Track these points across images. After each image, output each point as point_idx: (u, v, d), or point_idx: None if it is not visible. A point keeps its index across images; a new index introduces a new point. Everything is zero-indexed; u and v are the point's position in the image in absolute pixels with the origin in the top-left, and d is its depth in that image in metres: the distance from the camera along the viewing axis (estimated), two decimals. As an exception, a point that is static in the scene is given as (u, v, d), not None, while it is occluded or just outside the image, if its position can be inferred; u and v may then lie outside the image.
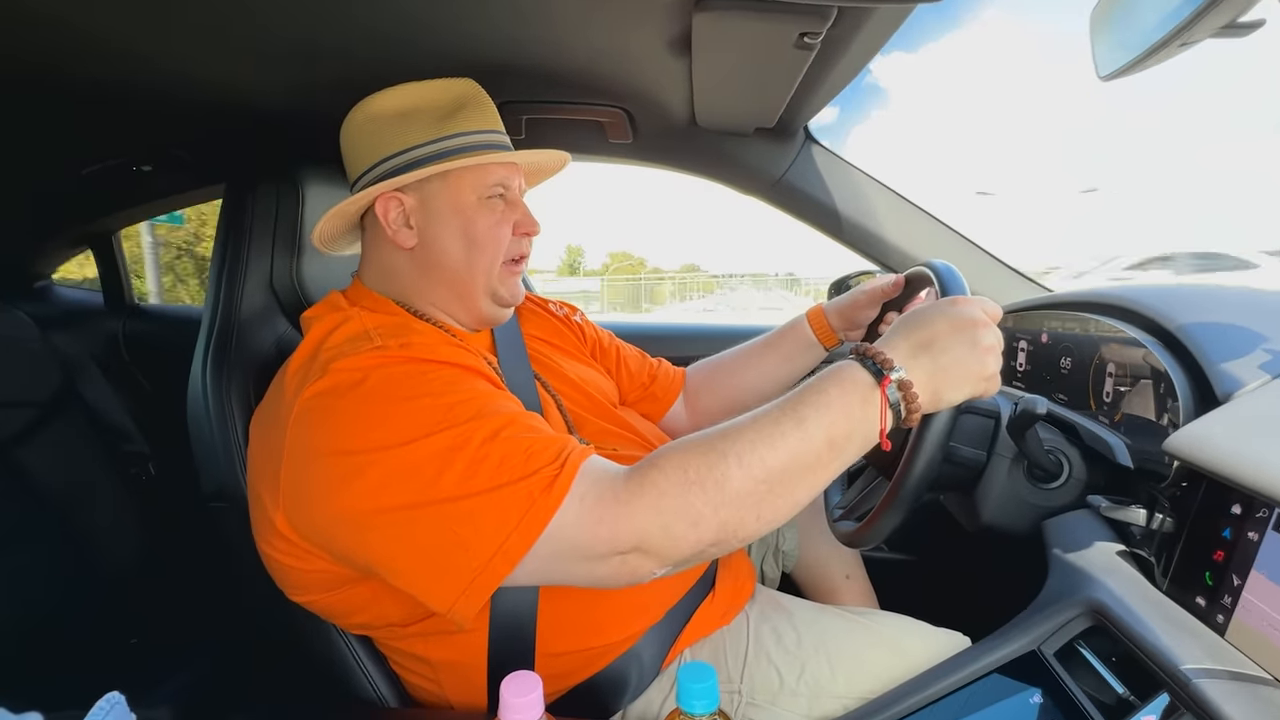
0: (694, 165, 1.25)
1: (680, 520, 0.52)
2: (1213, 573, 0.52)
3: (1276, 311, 0.70)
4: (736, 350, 1.04)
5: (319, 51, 0.80)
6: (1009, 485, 0.74)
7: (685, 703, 0.50)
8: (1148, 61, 0.44)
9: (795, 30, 0.67)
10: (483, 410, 0.57)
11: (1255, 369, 0.58)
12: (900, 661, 0.69)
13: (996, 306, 0.59)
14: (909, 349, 0.55)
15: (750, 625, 0.76)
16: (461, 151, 0.72)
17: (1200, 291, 0.79)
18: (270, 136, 1.07)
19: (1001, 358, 0.57)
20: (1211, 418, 0.56)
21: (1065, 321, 0.87)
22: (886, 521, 0.67)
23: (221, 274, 0.82)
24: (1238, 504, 0.51)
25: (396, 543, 0.54)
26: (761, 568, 1.06)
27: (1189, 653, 0.48)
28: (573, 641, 0.69)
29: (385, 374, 0.58)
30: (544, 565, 0.53)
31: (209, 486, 0.74)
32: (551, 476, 0.53)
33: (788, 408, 0.54)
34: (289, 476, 0.58)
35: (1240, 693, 0.44)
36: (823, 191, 1.19)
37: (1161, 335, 0.70)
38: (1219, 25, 0.38)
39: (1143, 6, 0.43)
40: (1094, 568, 0.61)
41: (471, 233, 0.72)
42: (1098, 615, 0.56)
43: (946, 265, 0.70)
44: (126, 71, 0.83)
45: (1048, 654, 0.57)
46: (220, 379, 0.75)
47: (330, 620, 0.70)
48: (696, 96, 0.94)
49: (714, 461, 0.52)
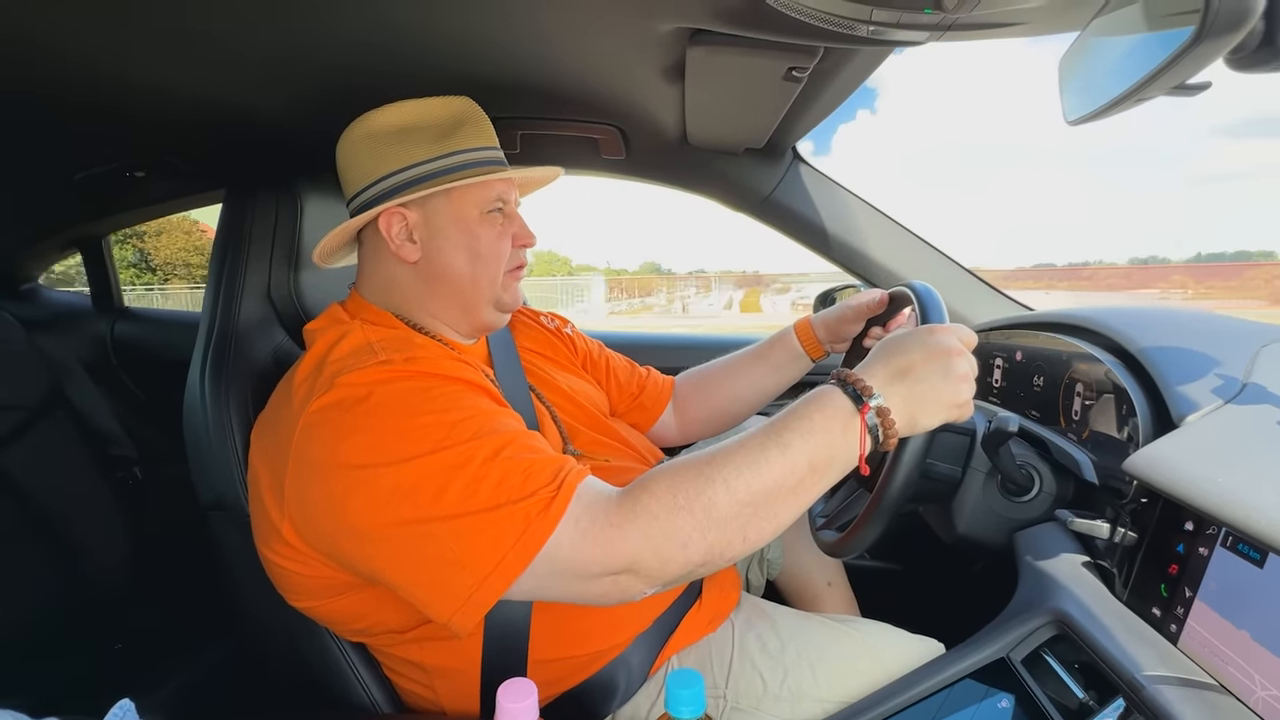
0: (685, 181, 1.28)
1: (670, 543, 0.54)
2: (1167, 585, 0.55)
3: (1230, 336, 0.74)
4: (725, 360, 1.06)
5: (319, 67, 0.82)
6: (983, 499, 0.78)
7: (673, 708, 0.52)
8: (1108, 111, 0.48)
9: (784, 65, 0.70)
10: (484, 429, 0.59)
11: (1208, 393, 0.62)
12: (879, 667, 0.72)
13: (972, 334, 0.62)
14: (887, 376, 0.58)
15: (736, 632, 0.79)
16: (464, 169, 0.74)
17: (1165, 315, 0.83)
18: (269, 147, 1.08)
19: (974, 385, 0.60)
20: (1167, 441, 0.59)
21: (1038, 340, 0.91)
22: (867, 533, 0.70)
23: (220, 283, 0.82)
24: (1190, 521, 0.54)
25: (398, 555, 0.56)
26: (747, 576, 1.08)
27: (1144, 660, 0.51)
28: (564, 648, 0.71)
29: (390, 390, 0.60)
30: (539, 583, 0.55)
31: (207, 495, 0.75)
32: (549, 499, 0.55)
33: (772, 433, 0.56)
34: (294, 487, 0.60)
35: (1189, 698, 0.47)
36: (809, 209, 1.22)
37: (1124, 357, 0.74)
38: (1170, 85, 0.41)
39: (1104, 63, 0.47)
40: (1060, 578, 0.64)
41: (476, 247, 0.74)
42: (1062, 624, 0.60)
43: (927, 288, 0.73)
44: (123, 87, 0.84)
45: (1016, 661, 0.60)
46: (219, 388, 0.76)
47: (329, 627, 0.71)
48: (689, 118, 0.97)
49: (702, 486, 0.54)
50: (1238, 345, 0.69)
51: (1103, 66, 0.48)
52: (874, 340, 0.92)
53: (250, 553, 0.69)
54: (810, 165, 1.22)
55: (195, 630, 1.17)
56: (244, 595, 0.76)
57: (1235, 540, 0.50)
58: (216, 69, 0.81)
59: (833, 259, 1.26)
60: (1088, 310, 0.87)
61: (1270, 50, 0.38)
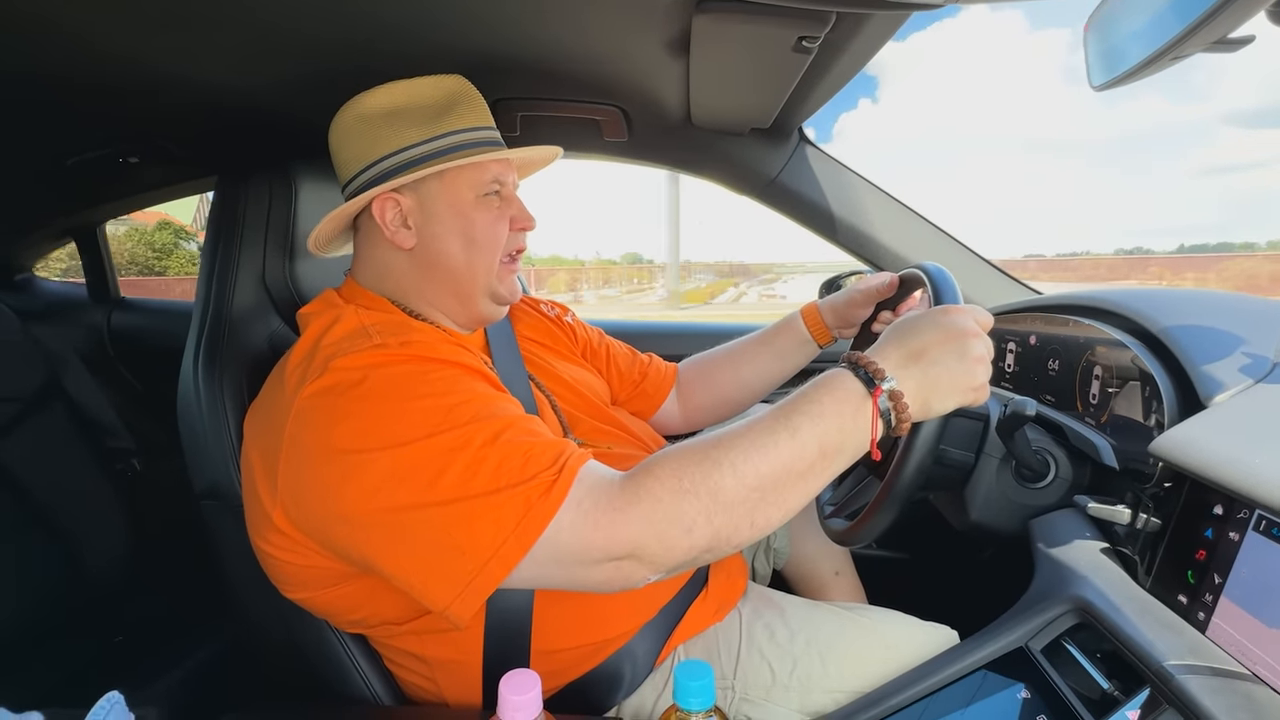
0: (689, 164, 1.25)
1: (675, 527, 0.52)
2: (1194, 571, 0.53)
3: (1257, 315, 0.72)
4: (729, 346, 1.04)
5: (313, 47, 0.79)
6: (997, 485, 0.76)
7: (682, 699, 0.51)
8: (1140, 73, 0.45)
9: (794, 34, 0.67)
10: (482, 412, 0.57)
11: (1236, 372, 0.60)
12: (890, 656, 0.70)
13: (988, 315, 0.59)
14: (900, 359, 0.56)
15: (743, 622, 0.77)
16: (457, 150, 0.71)
17: (1183, 295, 0.81)
18: (263, 131, 1.06)
19: (990, 368, 0.57)
20: (1195, 421, 0.57)
21: (1053, 324, 0.89)
22: (878, 522, 0.68)
23: (213, 269, 0.81)
24: (1219, 505, 0.52)
25: (394, 542, 0.54)
26: (753, 565, 1.07)
27: (1171, 649, 0.49)
28: (568, 639, 0.70)
29: (386, 373, 0.58)
30: (540, 570, 0.54)
31: (201, 484, 0.74)
32: (549, 482, 0.53)
33: (781, 416, 0.54)
34: (287, 473, 0.58)
35: (1220, 688, 0.45)
36: (816, 192, 1.20)
37: (1145, 338, 0.71)
38: (1211, 40, 0.39)
39: (1137, 19, 0.44)
40: (1080, 566, 0.62)
41: (471, 232, 0.72)
42: (1083, 612, 0.58)
43: (940, 269, 0.71)
44: (115, 68, 0.82)
45: (1035, 650, 0.58)
46: (213, 375, 0.74)
47: (325, 618, 0.70)
48: (693, 96, 0.94)
49: (708, 470, 0.53)
50: (1266, 324, 0.67)
51: (1131, 27, 0.45)
52: (883, 325, 0.90)
53: (246, 542, 0.67)
54: (817, 147, 1.19)
55: (195, 621, 1.16)
56: (239, 585, 0.74)
57: (1269, 524, 0.47)
58: (208, 50, 0.78)
59: (840, 243, 1.23)
60: (1105, 291, 0.84)
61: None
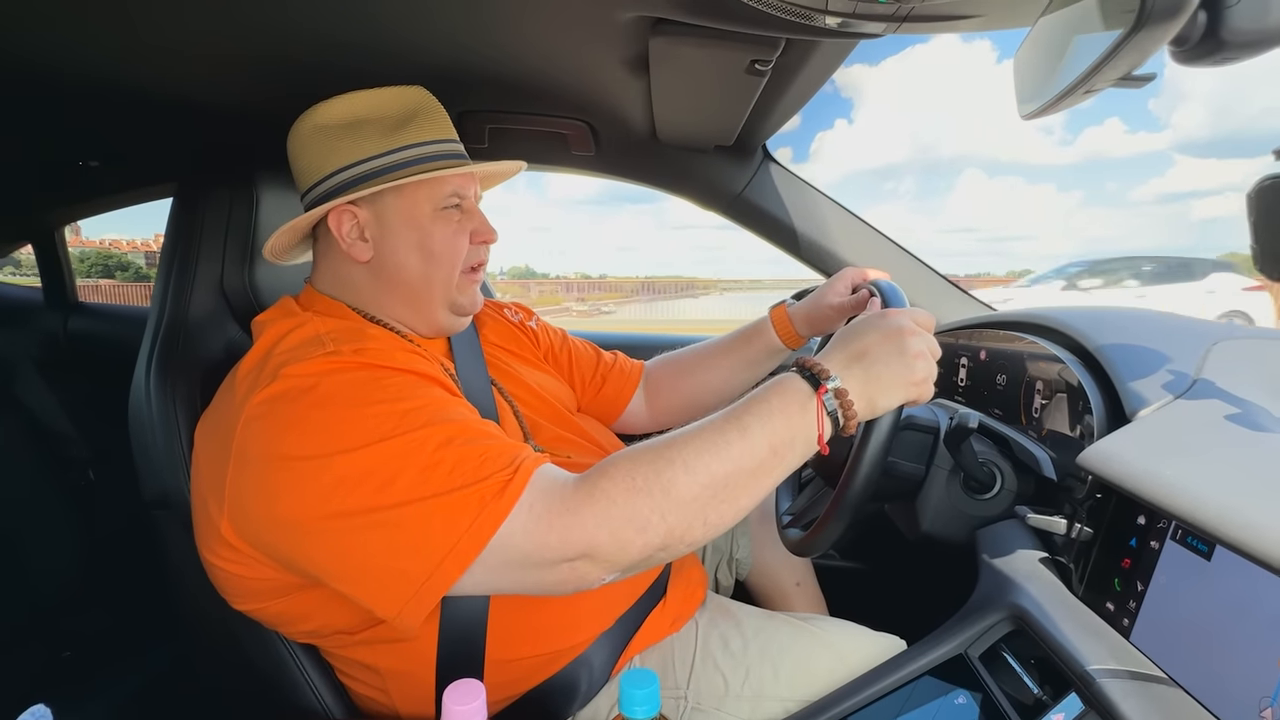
0: (655, 179, 1.27)
1: (628, 526, 0.53)
2: (1120, 579, 0.55)
3: (1184, 333, 0.75)
4: (699, 348, 1.04)
5: (274, 57, 0.79)
6: (946, 496, 0.78)
7: (626, 708, 0.51)
8: (1059, 105, 0.48)
9: (747, 57, 0.69)
10: (435, 417, 0.57)
11: (1159, 389, 0.63)
12: (841, 665, 0.72)
13: (928, 315, 0.62)
14: (844, 360, 0.58)
15: (699, 632, 0.78)
16: (415, 164, 0.71)
17: (1123, 314, 0.84)
18: (224, 138, 1.05)
19: (934, 363, 0.59)
20: (1119, 435, 0.60)
21: (1001, 340, 0.92)
22: (830, 530, 0.69)
23: (170, 275, 0.80)
24: (1142, 515, 0.55)
25: (343, 549, 0.54)
26: (715, 575, 1.07)
27: (1096, 654, 0.51)
28: (523, 648, 0.69)
29: (338, 380, 0.58)
30: (492, 574, 0.54)
31: (151, 492, 0.73)
32: (504, 482, 0.53)
33: (732, 417, 0.56)
34: (234, 482, 0.58)
35: (1138, 691, 0.47)
36: (779, 208, 1.22)
37: (1082, 354, 0.75)
38: (1115, 77, 0.42)
39: (1052, 57, 0.47)
40: (1018, 574, 0.64)
41: (428, 245, 0.72)
42: (1019, 620, 0.60)
43: (888, 281, 0.74)
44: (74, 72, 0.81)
45: (973, 657, 0.60)
46: (165, 382, 0.73)
47: (276, 629, 0.69)
48: (656, 113, 0.96)
49: (661, 468, 0.54)
50: (1191, 342, 0.71)
51: (1051, 60, 0.48)
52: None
53: (196, 553, 0.66)
54: (781, 165, 1.22)
55: (145, 633, 1.14)
56: (189, 596, 0.73)
57: (1184, 533, 0.50)
58: (170, 56, 0.78)
59: (802, 258, 1.26)
60: (1049, 310, 0.88)
61: (1214, 42, 0.38)
